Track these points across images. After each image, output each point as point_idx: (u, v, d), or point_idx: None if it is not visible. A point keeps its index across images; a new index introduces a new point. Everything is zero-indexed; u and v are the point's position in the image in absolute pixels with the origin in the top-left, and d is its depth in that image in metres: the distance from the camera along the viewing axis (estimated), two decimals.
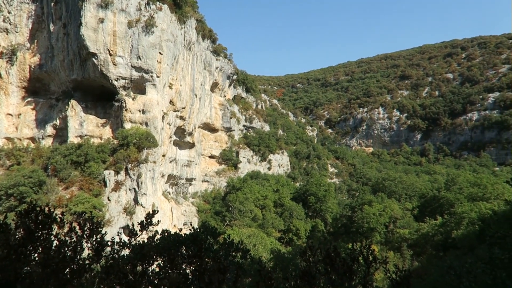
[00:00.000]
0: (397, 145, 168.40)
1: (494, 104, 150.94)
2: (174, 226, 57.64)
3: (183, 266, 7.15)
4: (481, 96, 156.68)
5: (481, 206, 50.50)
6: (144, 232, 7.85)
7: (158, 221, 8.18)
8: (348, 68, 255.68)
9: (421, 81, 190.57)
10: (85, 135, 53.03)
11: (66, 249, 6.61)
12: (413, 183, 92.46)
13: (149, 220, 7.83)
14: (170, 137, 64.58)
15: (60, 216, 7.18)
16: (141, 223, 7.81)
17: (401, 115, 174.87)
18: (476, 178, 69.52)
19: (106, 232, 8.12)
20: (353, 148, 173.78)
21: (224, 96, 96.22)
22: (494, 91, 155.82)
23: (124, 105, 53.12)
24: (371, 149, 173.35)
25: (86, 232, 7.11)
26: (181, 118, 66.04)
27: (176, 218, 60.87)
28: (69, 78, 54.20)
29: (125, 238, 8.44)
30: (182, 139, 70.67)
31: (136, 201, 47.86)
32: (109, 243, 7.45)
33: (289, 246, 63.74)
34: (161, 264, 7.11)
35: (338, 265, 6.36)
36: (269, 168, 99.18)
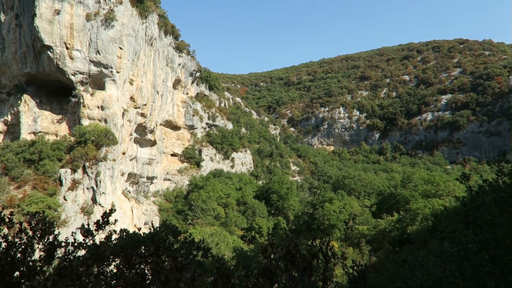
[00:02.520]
0: (357, 144, 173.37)
1: (447, 105, 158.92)
2: (135, 225, 56.29)
3: (141, 265, 6.97)
4: (434, 98, 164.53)
5: (434, 202, 52.94)
6: (102, 232, 7.57)
7: (115, 220, 7.91)
8: (310, 68, 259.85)
9: (380, 82, 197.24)
10: (39, 132, 50.56)
11: (15, 251, 6.24)
12: (371, 180, 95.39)
13: (105, 220, 7.55)
14: (131, 134, 62.95)
15: (9, 216, 6.78)
16: (97, 223, 7.52)
17: (361, 115, 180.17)
18: (430, 176, 72.75)
19: (59, 232, 7.77)
20: (315, 146, 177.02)
21: (187, 94, 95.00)
22: (447, 93, 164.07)
23: (81, 101, 51.14)
24: (332, 148, 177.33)
25: (37, 233, 6.75)
26: (142, 115, 64.54)
27: (137, 217, 59.44)
28: (21, 71, 51.42)
29: (81, 238, 8.12)
30: (143, 136, 69.08)
31: (94, 200, 46.26)
32: (63, 243, 7.12)
33: (252, 244, 63.98)
34: (118, 265, 6.89)
35: (298, 261, 6.43)
36: (232, 167, 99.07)
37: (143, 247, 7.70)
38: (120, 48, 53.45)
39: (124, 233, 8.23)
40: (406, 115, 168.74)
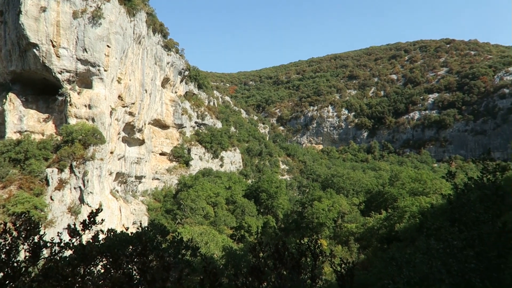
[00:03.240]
0: (345, 143, 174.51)
1: (433, 104, 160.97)
2: (123, 225, 55.83)
3: (128, 265, 6.91)
4: (422, 97, 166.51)
5: (421, 200, 53.61)
6: (89, 232, 7.48)
7: (102, 220, 7.83)
8: (299, 67, 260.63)
9: (368, 81, 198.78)
10: (25, 131, 49.78)
11: None
12: (360, 179, 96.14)
13: (92, 219, 7.47)
14: (119, 133, 62.40)
15: None
16: (83, 222, 7.43)
17: (349, 114, 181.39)
18: (417, 174, 73.56)
19: (45, 233, 7.66)
20: (304, 145, 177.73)
21: (176, 92, 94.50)
22: (434, 92, 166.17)
23: (68, 99, 50.49)
24: (320, 147, 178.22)
25: (22, 233, 6.64)
26: (131, 114, 64.00)
27: (125, 217, 58.97)
28: (6, 69, 50.55)
29: (68, 238, 8.03)
30: (131, 135, 68.52)
31: (81, 200, 45.76)
32: (48, 244, 7.01)
33: (241, 243, 64.03)
34: (104, 265, 6.82)
35: (286, 259, 6.46)
36: (221, 165, 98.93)
37: (130, 247, 7.64)
38: (108, 46, 52.90)
39: (112, 233, 8.15)
40: (394, 114, 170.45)
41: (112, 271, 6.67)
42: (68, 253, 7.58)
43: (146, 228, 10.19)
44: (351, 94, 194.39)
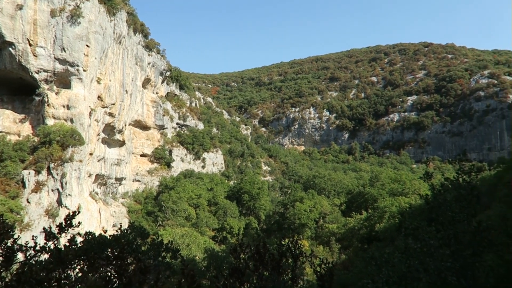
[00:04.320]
0: (327, 144, 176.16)
1: (412, 106, 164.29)
2: (103, 228, 54.89)
3: (105, 268, 6.79)
4: (401, 99, 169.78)
5: (400, 200, 54.59)
6: (66, 235, 7.31)
7: (79, 222, 7.68)
8: (281, 68, 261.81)
9: (349, 83, 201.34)
10: (1, 132, 48.39)
11: None
12: (341, 180, 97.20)
13: (68, 222, 7.31)
14: (98, 134, 61.36)
15: None
16: (59, 225, 7.25)
17: (331, 115, 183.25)
18: (397, 174, 74.85)
19: (19, 236, 7.46)
20: (286, 146, 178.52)
21: (157, 93, 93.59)
22: (412, 94, 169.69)
23: (46, 99, 49.34)
24: (302, 148, 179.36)
25: None
26: (111, 114, 63.03)
27: (105, 219, 58.00)
28: None
29: (48, 242, 7.83)
30: (111, 136, 67.47)
31: (59, 202, 44.77)
32: (23, 247, 6.83)
33: (223, 245, 63.86)
34: (81, 268, 6.68)
35: (267, 260, 6.48)
36: (203, 167, 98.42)
37: (109, 250, 7.51)
38: (87, 45, 51.97)
39: (90, 236, 7.99)
40: (374, 116, 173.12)
41: (89, 275, 6.54)
42: (45, 257, 7.39)
43: (125, 231, 10.04)
44: (332, 95, 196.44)
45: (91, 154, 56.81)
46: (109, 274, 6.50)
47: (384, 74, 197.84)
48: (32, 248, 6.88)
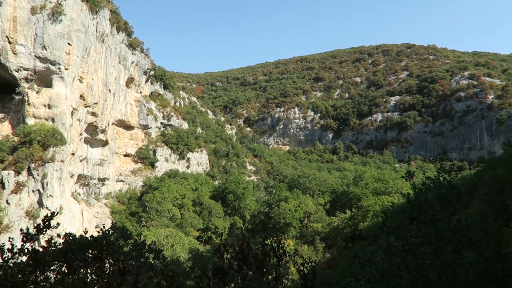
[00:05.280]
0: (311, 144, 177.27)
1: (395, 106, 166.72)
2: (85, 229, 54.02)
3: (84, 270, 6.67)
4: (384, 99, 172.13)
5: (383, 199, 55.38)
6: (43, 236, 7.14)
7: (57, 223, 7.53)
8: (266, 68, 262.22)
9: (333, 84, 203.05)
10: None
11: None
12: (325, 179, 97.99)
13: (47, 223, 7.15)
14: (81, 134, 60.39)
15: None
16: (37, 227, 7.09)
17: (315, 115, 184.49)
18: (380, 174, 75.88)
19: None
20: (271, 146, 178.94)
21: (141, 92, 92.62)
22: (395, 95, 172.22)
23: (26, 98, 48.29)
24: (287, 148, 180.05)
25: None
26: (93, 114, 62.10)
27: (87, 220, 57.12)
28: None
29: (26, 244, 7.64)
30: (94, 136, 66.47)
31: (40, 203, 43.88)
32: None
33: (208, 245, 63.67)
34: (58, 270, 6.54)
35: (250, 260, 6.49)
36: (188, 167, 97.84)
37: (90, 251, 7.39)
38: (69, 44, 51.07)
39: (70, 237, 7.84)
40: (358, 116, 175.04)
41: (66, 276, 6.40)
42: (23, 259, 7.21)
43: (107, 232, 9.91)
44: (317, 96, 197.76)
45: (73, 154, 55.89)
46: (88, 276, 6.39)
47: (368, 75, 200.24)
48: (9, 250, 6.71)
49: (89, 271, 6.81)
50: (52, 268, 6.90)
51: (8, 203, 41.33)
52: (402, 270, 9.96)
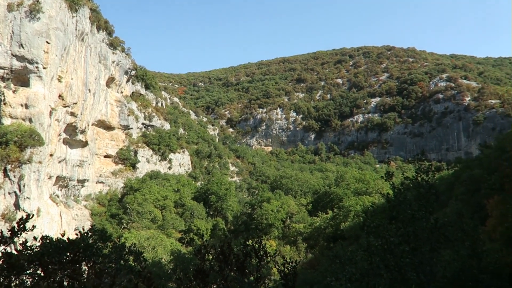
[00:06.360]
0: (294, 145, 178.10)
1: (376, 108, 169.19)
2: (63, 231, 52.92)
3: (59, 273, 6.52)
4: (365, 101, 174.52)
5: (364, 199, 56.13)
6: (17, 239, 6.95)
7: (33, 226, 7.35)
8: (248, 69, 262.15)
9: (315, 85, 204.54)
10: None
11: None
12: (307, 180, 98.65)
13: (22, 226, 6.97)
14: (59, 135, 59.17)
15: None
16: (11, 229, 6.90)
17: (297, 116, 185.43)
18: (361, 174, 76.87)
19: None
20: (253, 147, 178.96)
21: (121, 93, 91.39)
22: (376, 96, 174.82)
23: (2, 98, 47.00)
24: (270, 148, 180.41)
25: None
26: (72, 114, 60.93)
27: (66, 223, 55.98)
28: None
29: (0, 247, 7.42)
30: (73, 137, 65.22)
31: (17, 206, 42.78)
32: None
33: (190, 246, 63.26)
34: (32, 274, 6.37)
35: (231, 261, 6.48)
36: (170, 168, 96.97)
37: (68, 254, 7.24)
38: (47, 42, 50.00)
39: (47, 240, 7.66)
40: (340, 117, 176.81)
41: (45, 280, 6.26)
42: None
43: (85, 234, 9.74)
44: (299, 97, 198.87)
45: (51, 155, 54.71)
46: (63, 279, 6.26)
47: (349, 76, 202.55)
48: None
49: (68, 274, 6.67)
50: (28, 272, 6.72)
51: None
52: (382, 269, 10.13)
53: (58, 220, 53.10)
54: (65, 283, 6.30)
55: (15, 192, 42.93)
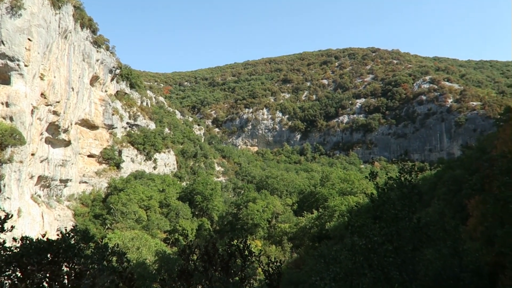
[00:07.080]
0: (280, 145, 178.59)
1: (361, 109, 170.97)
2: (45, 232, 51.97)
3: (42, 274, 6.40)
4: (350, 102, 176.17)
5: (349, 199, 56.65)
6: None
7: (12, 226, 7.18)
8: (235, 69, 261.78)
9: (301, 85, 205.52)
10: None
11: None
12: (293, 180, 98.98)
13: (0, 227, 6.79)
14: (41, 134, 58.09)
15: None
16: None
17: (283, 117, 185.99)
18: (346, 174, 77.51)
19: None
20: (239, 147, 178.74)
21: (106, 91, 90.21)
22: (361, 97, 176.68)
23: None
24: (255, 148, 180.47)
25: None
26: (55, 113, 59.88)
27: (48, 223, 54.97)
28: None
29: None
30: (56, 136, 64.09)
31: None
32: None
33: (175, 247, 62.81)
34: (9, 275, 6.22)
35: (216, 261, 6.45)
36: (155, 168, 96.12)
37: (49, 255, 7.09)
38: (29, 39, 49.04)
39: (27, 241, 7.49)
40: (325, 117, 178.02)
41: (24, 281, 6.12)
42: None
43: (66, 234, 9.57)
44: (285, 97, 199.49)
45: (33, 154, 53.66)
46: (42, 280, 6.13)
47: (335, 77, 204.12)
48: None
49: (47, 275, 6.53)
50: (7, 273, 6.56)
51: None
52: (365, 268, 10.23)
53: (39, 220, 52.12)
54: (45, 284, 6.18)
55: None
